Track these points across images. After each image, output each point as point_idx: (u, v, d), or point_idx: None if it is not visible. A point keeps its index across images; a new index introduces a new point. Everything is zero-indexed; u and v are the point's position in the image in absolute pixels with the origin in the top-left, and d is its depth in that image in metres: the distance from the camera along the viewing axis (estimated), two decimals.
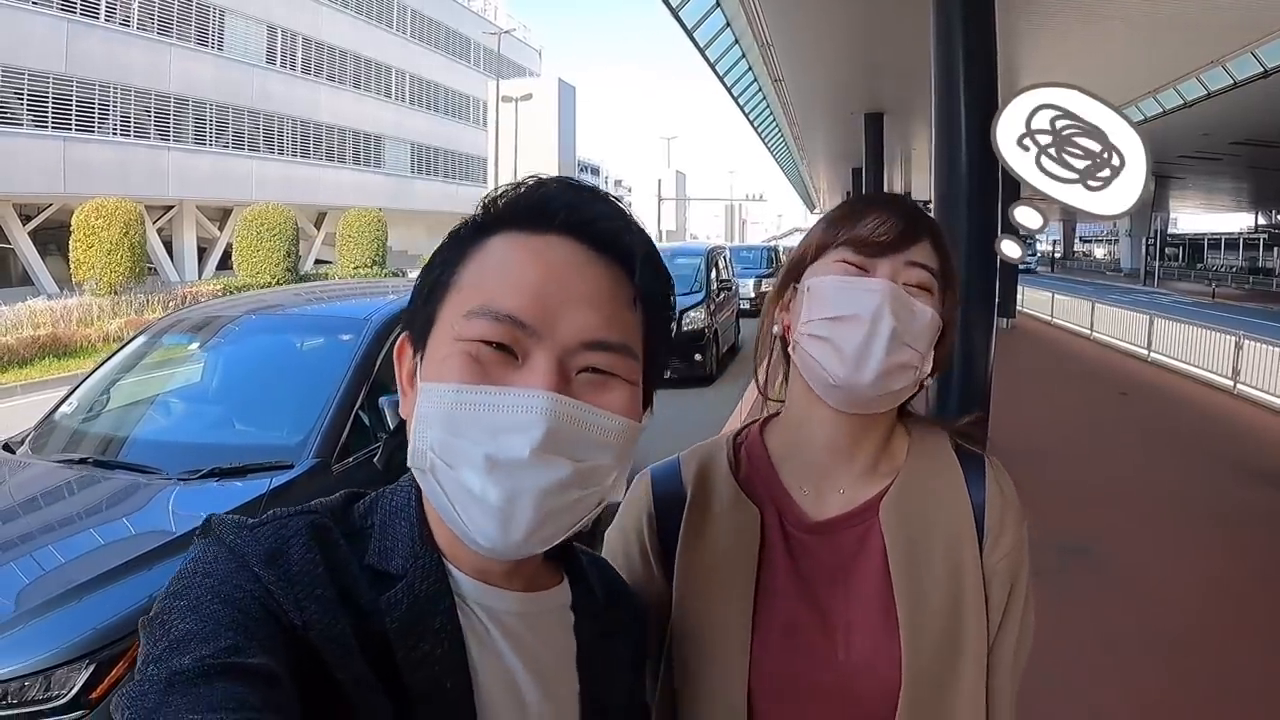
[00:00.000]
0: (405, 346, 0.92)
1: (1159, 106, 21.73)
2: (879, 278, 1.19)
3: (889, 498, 1.24)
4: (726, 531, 1.25)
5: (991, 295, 8.14)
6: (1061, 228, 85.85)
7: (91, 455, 4.13)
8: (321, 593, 0.79)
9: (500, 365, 0.82)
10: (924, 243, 1.23)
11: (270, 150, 41.66)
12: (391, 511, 0.91)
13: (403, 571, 0.86)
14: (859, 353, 1.16)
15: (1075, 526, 6.85)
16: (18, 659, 2.70)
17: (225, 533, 0.81)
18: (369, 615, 0.82)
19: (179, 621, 0.73)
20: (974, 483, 1.26)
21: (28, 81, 29.57)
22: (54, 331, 17.70)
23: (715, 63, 20.20)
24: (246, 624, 0.74)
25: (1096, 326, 19.87)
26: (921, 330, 1.19)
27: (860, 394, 1.18)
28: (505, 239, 0.88)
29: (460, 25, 57.51)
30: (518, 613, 0.92)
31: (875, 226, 1.21)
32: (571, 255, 0.87)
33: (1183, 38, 15.41)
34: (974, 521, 1.23)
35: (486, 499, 0.80)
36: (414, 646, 0.82)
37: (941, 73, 7.87)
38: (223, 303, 6.17)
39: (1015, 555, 1.23)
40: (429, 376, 0.84)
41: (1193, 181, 46.80)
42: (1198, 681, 4.52)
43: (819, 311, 1.20)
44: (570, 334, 0.84)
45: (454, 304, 0.86)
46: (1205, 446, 9.78)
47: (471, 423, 0.81)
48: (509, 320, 0.82)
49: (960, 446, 1.31)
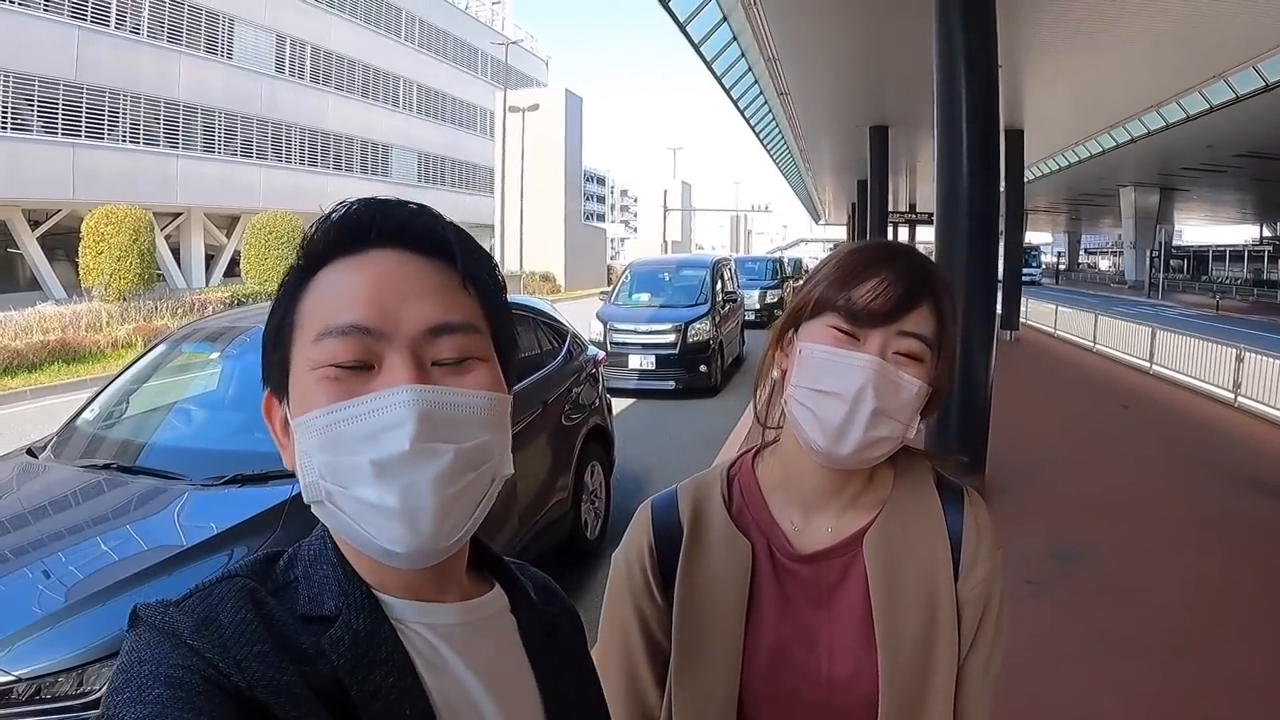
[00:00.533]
0: (271, 401, 0.93)
1: (1162, 120, 21.81)
2: (867, 352, 1.21)
3: (873, 532, 1.32)
4: (721, 562, 1.35)
5: (991, 309, 8.23)
6: (1066, 239, 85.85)
7: (114, 461, 4.21)
8: (260, 648, 0.79)
9: (358, 379, 0.84)
10: (922, 308, 1.24)
11: (278, 158, 41.78)
12: (311, 559, 0.91)
13: (337, 611, 0.86)
14: (839, 429, 1.21)
15: (1074, 535, 6.90)
16: (51, 656, 2.79)
17: (153, 617, 0.80)
18: (314, 660, 0.81)
19: (125, 714, 0.73)
20: (952, 515, 1.35)
21: (37, 88, 29.72)
22: (63, 337, 17.78)
23: (722, 76, 20.26)
24: (191, 700, 0.73)
25: (1099, 339, 19.84)
26: (905, 403, 1.22)
27: (839, 461, 1.25)
28: (330, 269, 0.89)
29: (468, 35, 57.64)
30: (460, 623, 0.94)
31: (873, 294, 1.22)
32: (394, 261, 0.89)
33: (1184, 52, 15.48)
34: (950, 552, 1.32)
35: (386, 503, 0.81)
36: (365, 680, 0.82)
37: (943, 87, 7.95)
38: (243, 311, 6.25)
39: (988, 584, 1.32)
40: (297, 413, 0.86)
41: (1197, 193, 46.77)
42: (1194, 688, 4.55)
43: (806, 380, 1.25)
44: (413, 325, 0.86)
45: (301, 340, 0.87)
46: (1205, 457, 9.79)
47: (349, 437, 0.82)
48: (354, 330, 0.84)
49: (941, 478, 1.40)
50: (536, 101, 49.85)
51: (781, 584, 1.35)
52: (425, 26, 52.78)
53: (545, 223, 49.61)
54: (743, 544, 1.36)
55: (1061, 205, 58.37)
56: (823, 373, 1.23)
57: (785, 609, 1.34)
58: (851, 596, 1.31)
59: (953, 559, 1.32)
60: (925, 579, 1.30)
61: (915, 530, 1.33)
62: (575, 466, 6.56)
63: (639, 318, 14.91)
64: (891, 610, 1.28)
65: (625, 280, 17.32)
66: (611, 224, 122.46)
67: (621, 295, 16.73)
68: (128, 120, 33.33)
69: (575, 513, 6.54)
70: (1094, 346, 19.92)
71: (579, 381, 7.05)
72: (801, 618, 1.33)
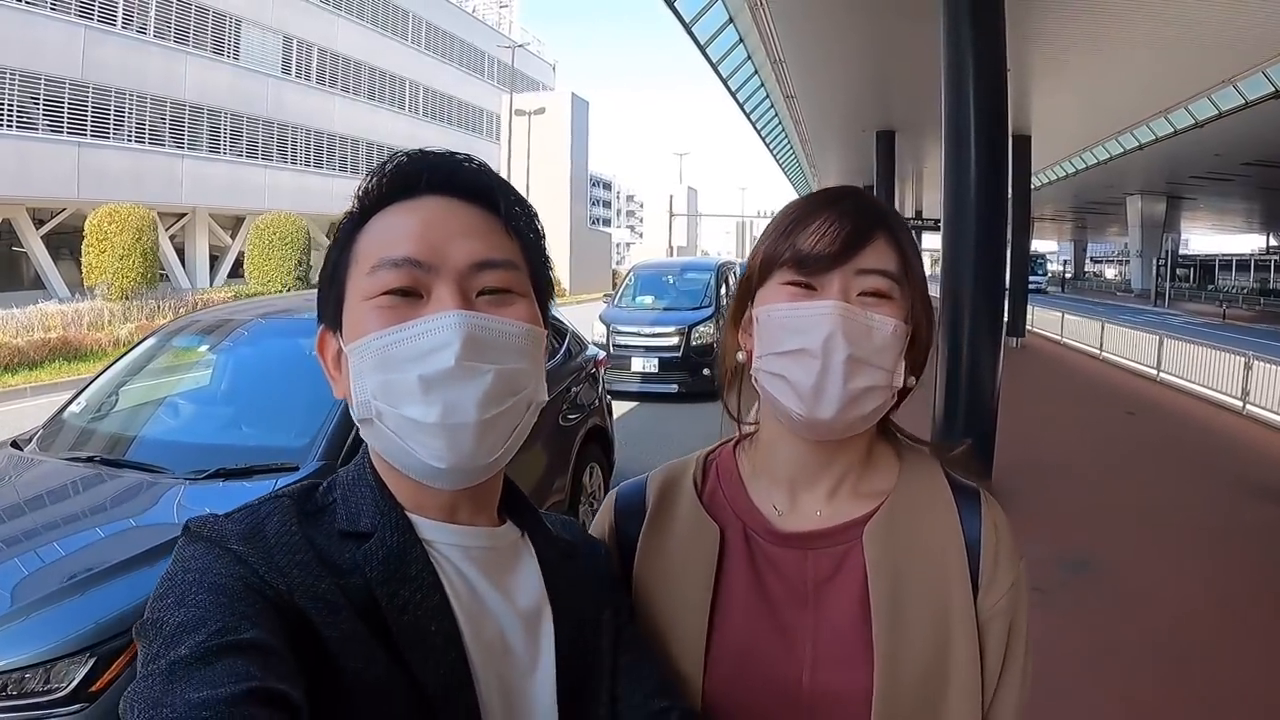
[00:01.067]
0: (325, 337, 1.01)
1: (1170, 126, 21.77)
2: (827, 298, 1.09)
3: (875, 521, 1.16)
4: (684, 548, 1.21)
5: (999, 315, 8.16)
6: (1073, 248, 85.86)
7: (99, 454, 4.15)
8: (301, 557, 0.86)
9: (409, 307, 0.91)
10: (877, 242, 1.12)
11: (284, 159, 41.77)
12: (351, 483, 0.98)
13: (372, 528, 0.92)
14: (815, 389, 1.08)
15: (1081, 543, 6.83)
16: (18, 651, 2.71)
17: (201, 528, 0.87)
18: (349, 573, 0.88)
19: (169, 617, 0.77)
20: (968, 518, 1.17)
21: (44, 86, 29.69)
22: (64, 335, 17.76)
23: (728, 78, 20.27)
24: (233, 605, 0.78)
25: (1106, 346, 19.80)
26: (883, 345, 1.10)
27: (826, 427, 1.11)
28: (384, 213, 0.97)
29: (474, 39, 57.68)
30: (488, 546, 1.00)
31: (819, 236, 1.11)
32: (443, 205, 0.96)
33: (1194, 58, 15.42)
34: (966, 560, 1.14)
35: (430, 418, 0.88)
36: (395, 593, 0.88)
37: (951, 92, 7.90)
38: (233, 306, 6.19)
39: (1013, 596, 1.14)
40: (351, 339, 0.93)
41: (1204, 202, 46.79)
42: (1198, 697, 4.50)
43: (770, 345, 1.13)
44: (461, 259, 0.93)
45: (355, 275, 0.95)
46: (1213, 465, 9.73)
47: (400, 357, 0.89)
48: (406, 263, 0.91)
49: (953, 477, 1.23)
50: (543, 105, 49.87)
51: (759, 575, 1.18)
52: (432, 29, 52.82)
53: (550, 226, 47.01)
54: (710, 528, 1.21)
55: (1068, 213, 58.41)
56: (785, 333, 1.11)
57: (761, 604, 1.17)
58: (844, 596, 1.14)
59: (970, 569, 1.14)
60: (936, 588, 1.12)
61: (925, 528, 1.16)
62: (573, 467, 6.47)
63: (642, 320, 14.85)
64: (895, 617, 1.10)
65: (629, 283, 17.26)
66: (617, 229, 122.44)
67: (625, 298, 16.66)
68: (134, 120, 33.32)
69: (574, 514, 6.41)
70: (1100, 354, 19.88)
71: (578, 381, 6.95)
72: (780, 616, 1.15)
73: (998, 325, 8.03)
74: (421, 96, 52.23)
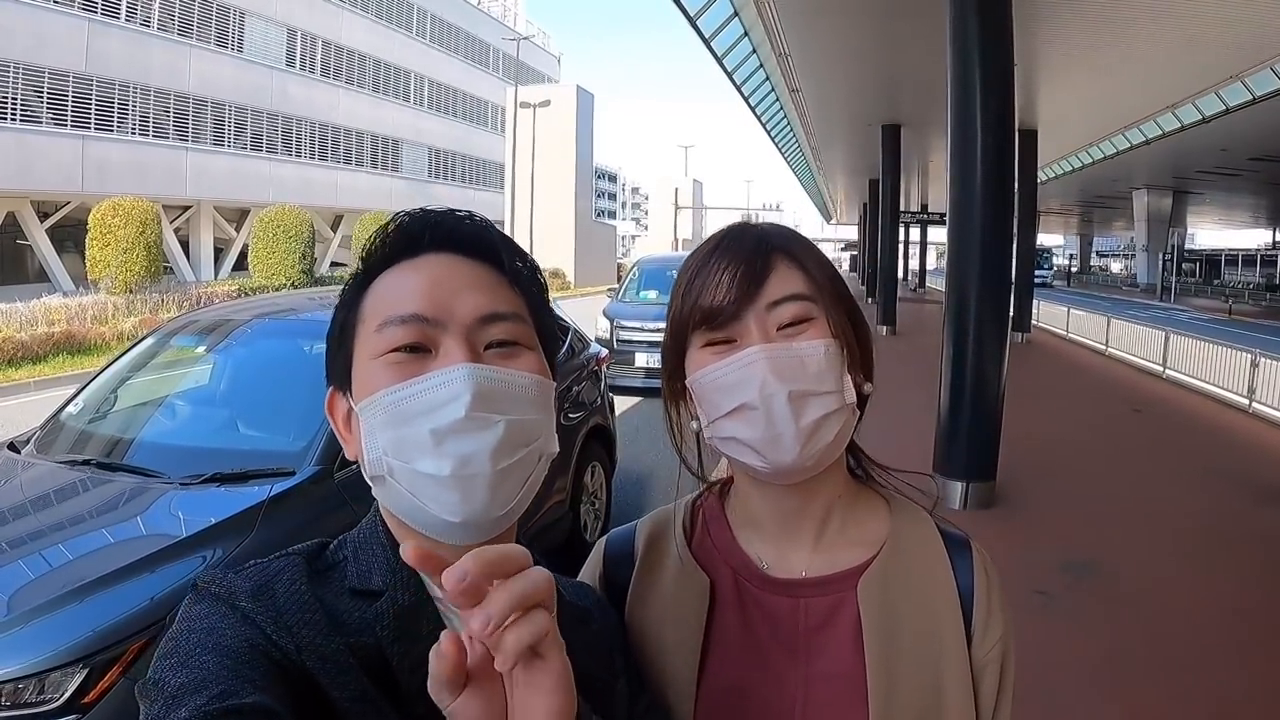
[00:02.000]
0: (335, 398, 1.01)
1: (1178, 121, 21.66)
2: (747, 346, 1.06)
3: (871, 573, 1.14)
4: (674, 597, 1.19)
5: (1005, 310, 8.12)
6: (1079, 242, 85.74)
7: (95, 457, 4.14)
8: (310, 616, 0.86)
9: (418, 362, 0.91)
10: (777, 268, 1.10)
11: (288, 152, 41.84)
12: (361, 542, 0.98)
13: (384, 587, 0.92)
14: (769, 438, 1.05)
15: (1085, 544, 6.79)
16: (13, 661, 2.69)
17: (210, 584, 0.87)
18: (359, 632, 0.88)
19: (172, 678, 0.77)
20: (960, 567, 1.16)
21: (47, 80, 29.74)
22: (68, 329, 17.75)
23: (733, 72, 20.19)
24: (237, 667, 0.77)
25: (1111, 342, 19.75)
26: (820, 370, 1.06)
27: (797, 469, 1.07)
28: (389, 274, 0.98)
29: (479, 31, 57.71)
30: None
31: (716, 286, 1.09)
32: (447, 262, 0.98)
33: (1202, 53, 15.35)
34: (959, 610, 1.13)
35: (443, 471, 0.87)
36: (406, 653, 0.87)
37: (957, 86, 7.85)
38: (234, 305, 6.16)
39: (1004, 645, 1.15)
40: (361, 397, 0.93)
41: (1211, 197, 46.66)
42: (1202, 701, 4.47)
43: (712, 411, 1.10)
44: (467, 313, 0.94)
45: (363, 334, 0.96)
46: (1219, 465, 9.67)
47: (411, 411, 0.89)
48: (414, 319, 0.92)
49: (941, 526, 1.21)
50: (548, 98, 49.92)
51: (749, 621, 1.16)
52: (437, 22, 52.85)
53: (556, 219, 49.53)
54: (700, 579, 1.18)
55: (1074, 207, 58.28)
56: (720, 395, 1.08)
57: (751, 650, 1.15)
58: (836, 645, 1.12)
59: (964, 618, 1.13)
60: (929, 638, 1.11)
61: (918, 578, 1.14)
62: (574, 467, 6.44)
63: (646, 315, 14.75)
64: (889, 666, 1.08)
65: (633, 277, 17.15)
66: (623, 221, 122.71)
67: (629, 292, 16.57)
68: (137, 113, 33.37)
69: (574, 514, 6.42)
70: (1106, 350, 19.83)
71: (580, 379, 6.93)
72: (771, 663, 1.13)
73: (1003, 321, 7.98)
74: (426, 89, 52.28)
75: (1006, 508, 7.63)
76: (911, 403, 9.32)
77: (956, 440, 7.74)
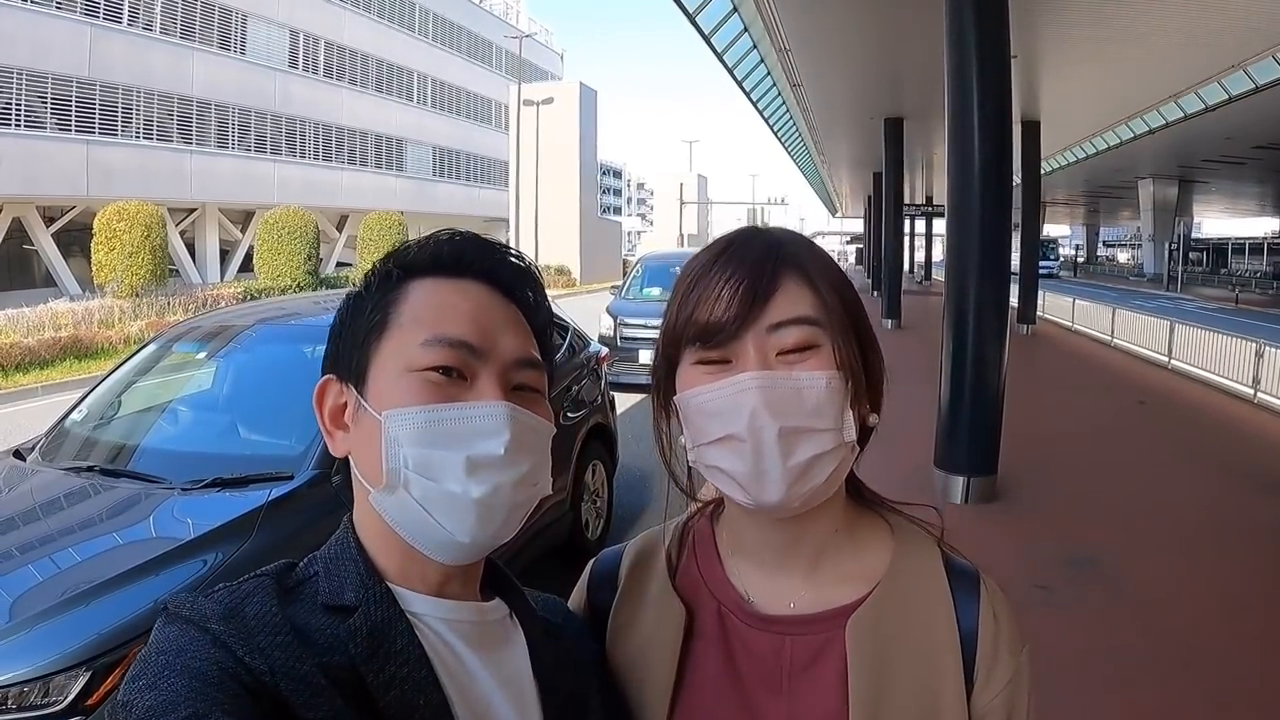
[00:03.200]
0: (329, 387, 1.00)
1: (1181, 111, 21.62)
2: (743, 371, 0.97)
3: (862, 613, 1.04)
4: (650, 629, 1.12)
5: (1004, 304, 8.11)
6: (1085, 232, 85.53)
7: (99, 464, 4.19)
8: (281, 638, 0.84)
9: (453, 387, 0.93)
10: (785, 285, 1.00)
11: (292, 153, 41.91)
12: (333, 557, 0.97)
13: (357, 602, 0.91)
14: (753, 474, 0.96)
15: (1088, 538, 6.77)
16: (17, 665, 2.73)
17: (180, 608, 0.85)
18: (332, 650, 0.87)
19: (140, 699, 0.75)
20: (964, 606, 1.06)
21: (51, 85, 29.84)
22: (75, 333, 17.77)
23: (734, 67, 20.17)
24: (205, 690, 0.76)
25: (1117, 333, 19.70)
26: (819, 405, 0.97)
27: (782, 508, 0.99)
28: (429, 283, 0.99)
29: (482, 29, 57.68)
30: (476, 621, 1.00)
31: (715, 299, 0.99)
32: (488, 295, 1.00)
33: (1203, 43, 15.32)
34: (959, 653, 1.03)
35: (469, 497, 0.90)
36: (381, 669, 0.87)
37: (954, 78, 7.84)
38: (236, 311, 6.19)
39: (1011, 691, 1.04)
40: (385, 406, 0.92)
41: (1216, 186, 46.49)
42: (1206, 696, 4.45)
43: (697, 436, 1.01)
44: (508, 353, 0.97)
45: (398, 339, 0.95)
46: (1224, 456, 9.65)
47: (447, 435, 0.91)
48: (462, 345, 0.94)
49: (950, 558, 1.11)
50: (551, 95, 49.86)
51: (732, 658, 1.08)
52: (439, 20, 52.83)
53: (560, 216, 49.48)
54: (676, 610, 1.11)
55: (1080, 198, 58.15)
56: (706, 420, 0.99)
57: (731, 689, 1.07)
58: (821, 687, 1.03)
59: (964, 662, 1.03)
60: (923, 685, 1.02)
61: (916, 620, 1.04)
62: (575, 466, 6.46)
63: (649, 312, 14.73)
64: (875, 714, 0.99)
65: (636, 274, 17.17)
66: (628, 217, 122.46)
67: (633, 289, 16.59)
68: (141, 117, 33.45)
69: (575, 513, 6.45)
70: (1112, 341, 19.78)
71: (580, 378, 6.96)
72: (752, 703, 1.05)
73: (1003, 314, 7.96)
74: (429, 88, 52.29)
75: (1008, 502, 7.62)
76: (916, 396, 9.29)
77: (957, 434, 7.73)
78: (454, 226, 1.07)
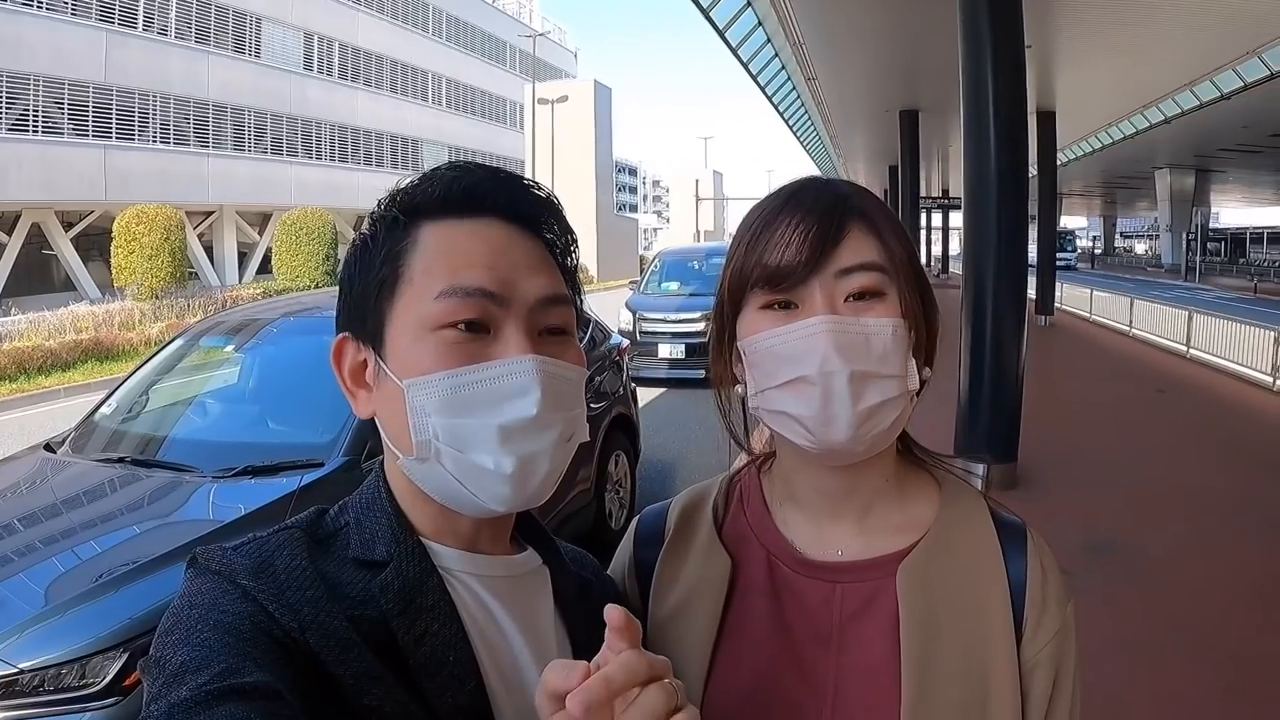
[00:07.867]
0: (345, 346, 0.96)
1: (1196, 99, 21.50)
2: (811, 316, 0.97)
3: (912, 559, 1.04)
4: (695, 581, 1.11)
5: (1022, 295, 8.10)
6: (1102, 223, 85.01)
7: (129, 454, 4.24)
8: (312, 593, 0.83)
9: (475, 344, 0.88)
10: (852, 232, 0.99)
11: (309, 155, 42.04)
12: (364, 508, 0.95)
13: (388, 557, 0.90)
14: (822, 417, 0.96)
15: (1108, 525, 6.77)
16: (55, 648, 2.79)
17: (209, 560, 0.84)
18: (363, 604, 0.86)
19: (173, 655, 0.75)
20: (1013, 558, 1.06)
21: (68, 91, 30.02)
22: (96, 336, 17.91)
23: (748, 62, 20.18)
24: (239, 645, 0.76)
25: (1135, 323, 19.61)
26: (886, 351, 0.97)
27: (846, 452, 0.99)
28: (440, 227, 0.93)
29: (496, 29, 57.73)
30: (505, 576, 0.99)
31: (785, 243, 0.98)
32: (506, 233, 0.94)
33: (1218, 30, 15.23)
34: (1010, 604, 1.03)
35: (503, 469, 0.87)
36: (412, 625, 0.86)
37: (969, 70, 7.83)
38: (259, 305, 6.26)
39: (1059, 642, 1.04)
40: (407, 371, 0.88)
41: (1234, 175, 46.17)
42: (1228, 681, 4.45)
43: (763, 380, 1.01)
44: (530, 294, 0.92)
45: (410, 295, 0.90)
46: (1243, 444, 9.60)
47: (474, 401, 0.87)
48: (478, 294, 0.88)
49: (997, 512, 1.11)
50: (565, 93, 49.87)
51: (782, 612, 1.07)
52: (453, 21, 52.89)
53: (577, 214, 48.61)
54: (722, 560, 1.11)
55: (1096, 189, 57.81)
56: (775, 363, 0.99)
57: (780, 640, 1.06)
58: (872, 637, 1.03)
59: (1014, 613, 1.03)
60: (975, 632, 1.01)
61: (965, 568, 1.04)
62: (598, 456, 6.51)
63: (668, 307, 14.79)
64: (926, 662, 0.98)
65: (655, 269, 17.22)
66: (644, 214, 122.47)
67: (651, 284, 16.63)
68: (158, 121, 33.62)
69: (599, 503, 6.50)
70: (1130, 331, 19.68)
71: (602, 369, 7.03)
72: (800, 654, 1.05)
73: (1021, 304, 7.96)
74: (444, 88, 52.36)
75: (1029, 489, 7.62)
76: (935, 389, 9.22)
77: (977, 423, 7.73)
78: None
